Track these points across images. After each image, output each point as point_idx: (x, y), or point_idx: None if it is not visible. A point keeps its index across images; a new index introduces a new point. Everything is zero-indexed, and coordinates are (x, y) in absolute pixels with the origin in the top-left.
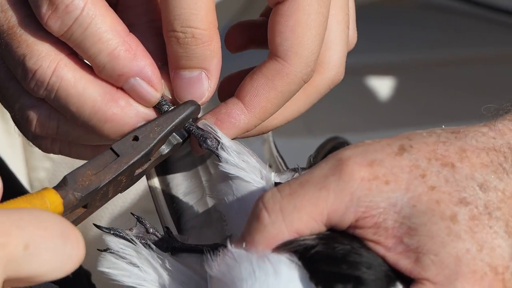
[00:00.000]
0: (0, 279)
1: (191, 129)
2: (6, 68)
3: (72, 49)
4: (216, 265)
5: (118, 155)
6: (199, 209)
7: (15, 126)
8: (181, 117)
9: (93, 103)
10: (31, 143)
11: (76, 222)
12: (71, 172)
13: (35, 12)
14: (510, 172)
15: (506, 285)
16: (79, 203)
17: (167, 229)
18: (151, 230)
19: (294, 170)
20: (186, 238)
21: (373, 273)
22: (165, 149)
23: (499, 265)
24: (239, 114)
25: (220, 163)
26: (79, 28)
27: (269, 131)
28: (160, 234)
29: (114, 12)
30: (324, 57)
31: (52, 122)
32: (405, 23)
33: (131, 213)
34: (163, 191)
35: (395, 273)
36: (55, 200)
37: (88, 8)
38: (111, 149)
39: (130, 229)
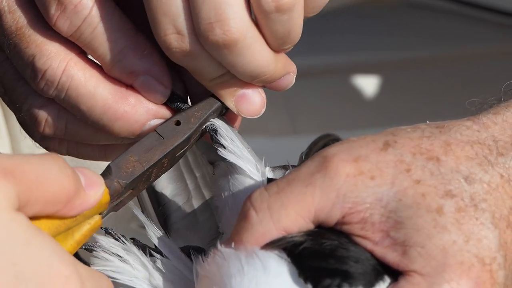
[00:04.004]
0: None
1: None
2: (13, 70)
3: (81, 48)
4: (205, 264)
5: (163, 138)
6: (185, 211)
7: (21, 128)
8: (217, 104)
9: (104, 101)
10: (38, 145)
11: (119, 206)
12: (115, 160)
13: (43, 13)
14: (495, 164)
15: (493, 276)
16: (124, 190)
17: (133, 240)
18: (120, 240)
19: (285, 167)
20: (175, 239)
21: (361, 267)
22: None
23: (486, 256)
24: None
25: (219, 149)
26: (88, 28)
27: None
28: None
29: (122, 11)
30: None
31: (61, 122)
32: (391, 21)
33: (101, 227)
34: (148, 194)
35: (383, 267)
36: None
37: (96, 7)
38: (156, 131)
39: None
